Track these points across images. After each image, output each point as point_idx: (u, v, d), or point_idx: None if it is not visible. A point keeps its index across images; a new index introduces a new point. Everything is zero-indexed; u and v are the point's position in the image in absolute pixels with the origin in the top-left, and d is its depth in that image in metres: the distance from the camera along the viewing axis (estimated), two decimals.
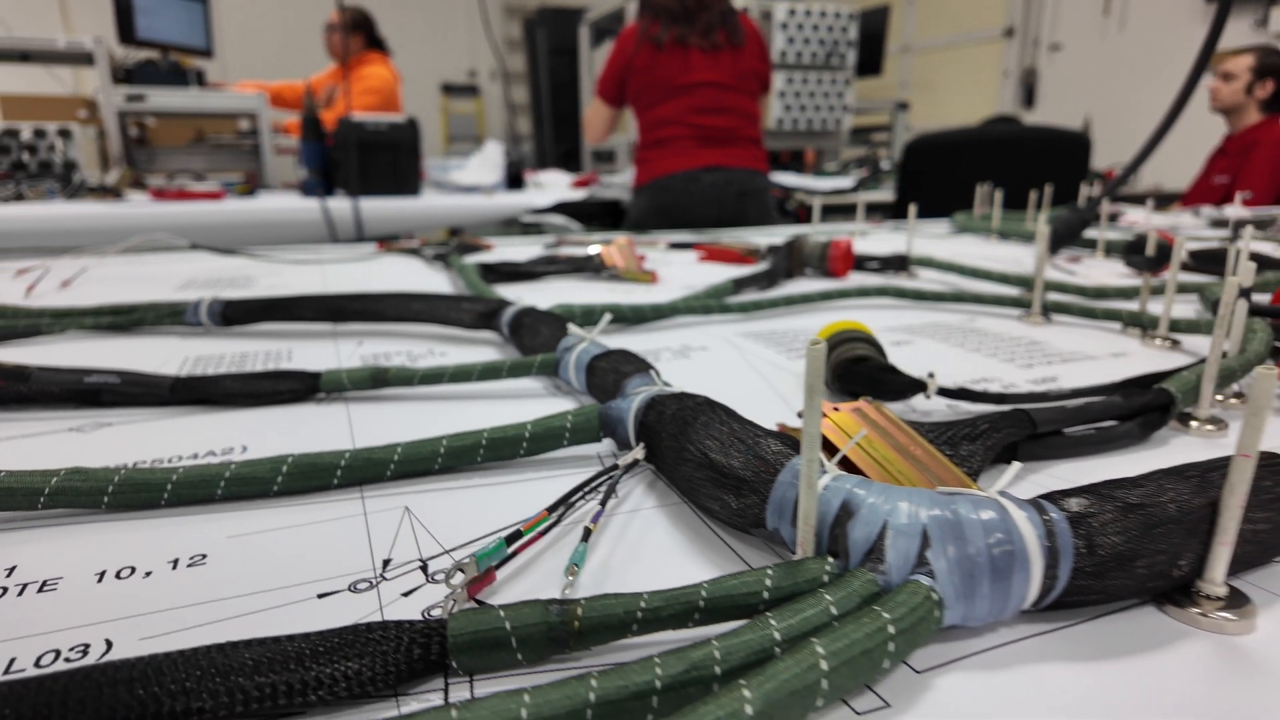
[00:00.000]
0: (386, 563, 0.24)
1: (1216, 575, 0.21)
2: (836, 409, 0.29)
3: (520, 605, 0.19)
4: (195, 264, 0.86)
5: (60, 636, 0.20)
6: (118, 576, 0.23)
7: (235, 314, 0.53)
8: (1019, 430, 0.30)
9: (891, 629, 0.18)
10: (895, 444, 0.27)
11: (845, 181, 2.29)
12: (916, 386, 0.36)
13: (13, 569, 0.24)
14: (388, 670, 0.18)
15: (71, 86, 3.67)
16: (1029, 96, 3.66)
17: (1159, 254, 0.72)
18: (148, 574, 0.24)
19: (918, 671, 0.19)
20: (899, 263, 0.78)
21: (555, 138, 3.75)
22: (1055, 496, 0.21)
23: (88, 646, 0.20)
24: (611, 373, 0.36)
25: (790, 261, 0.76)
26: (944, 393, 0.36)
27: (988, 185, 1.18)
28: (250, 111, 2.30)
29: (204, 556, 0.25)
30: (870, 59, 2.89)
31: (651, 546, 0.25)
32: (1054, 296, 0.63)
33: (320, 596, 0.22)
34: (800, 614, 0.18)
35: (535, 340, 0.45)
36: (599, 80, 1.82)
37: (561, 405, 0.39)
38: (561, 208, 1.82)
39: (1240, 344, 0.39)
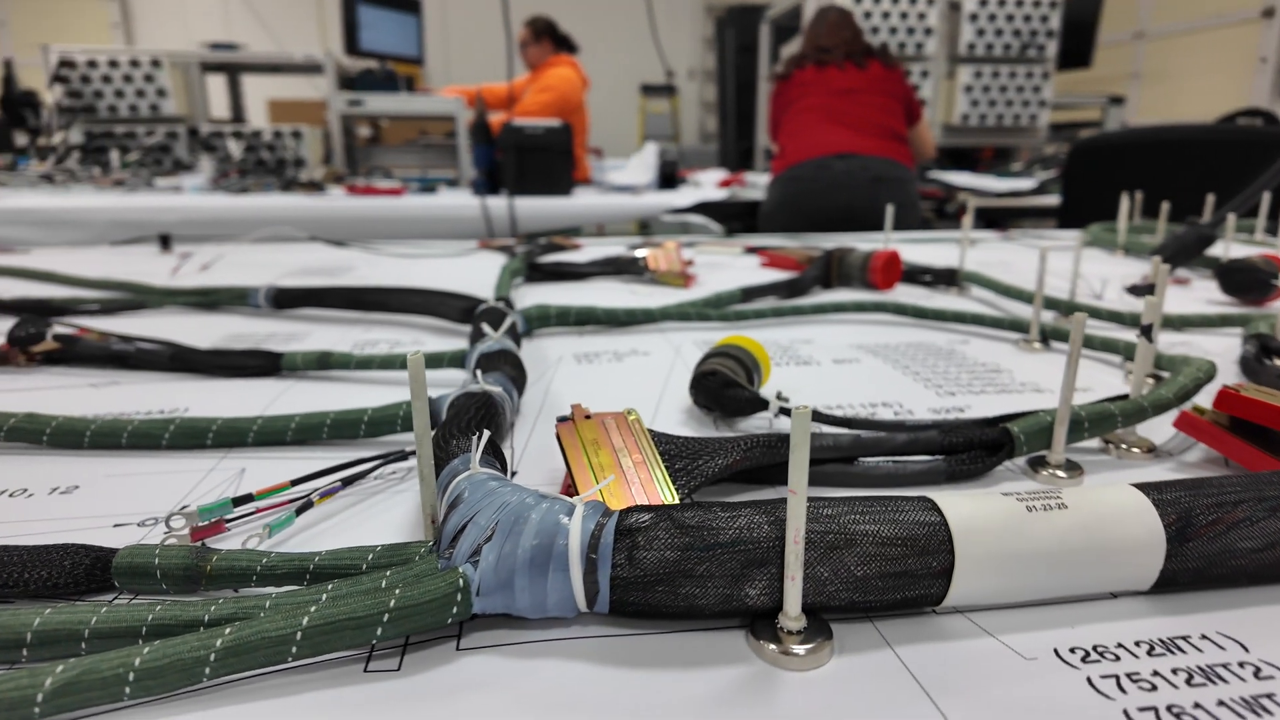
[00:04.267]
0: (184, 508, 0.30)
1: (788, 608, 0.21)
2: (589, 416, 0.31)
3: (176, 547, 0.24)
4: (312, 254, 1.00)
5: None
6: (10, 495, 0.31)
7: (283, 299, 0.63)
8: (773, 454, 0.30)
9: (393, 604, 0.21)
10: (617, 453, 0.29)
11: (1026, 183, 2.10)
12: (758, 404, 0.37)
13: None
14: (67, 580, 0.24)
15: (326, 92, 4.26)
16: None
17: (1258, 280, 0.63)
18: (30, 494, 0.31)
19: (458, 649, 0.22)
20: (949, 277, 0.74)
21: (737, 135, 3.77)
22: (630, 510, 0.22)
23: None
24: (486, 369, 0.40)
25: (828, 272, 0.74)
26: (785, 411, 0.36)
27: (1137, 194, 1.06)
28: (449, 114, 2.55)
29: (76, 488, 0.32)
30: (1077, 50, 2.62)
31: (376, 524, 0.29)
32: (1093, 325, 0.58)
33: (115, 525, 0.29)
34: (357, 584, 0.22)
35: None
36: (769, 130, 1.89)
37: None
38: (701, 207, 1.85)
39: (1140, 385, 0.35)
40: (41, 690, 0.18)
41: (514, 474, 0.33)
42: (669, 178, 2.17)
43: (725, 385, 0.38)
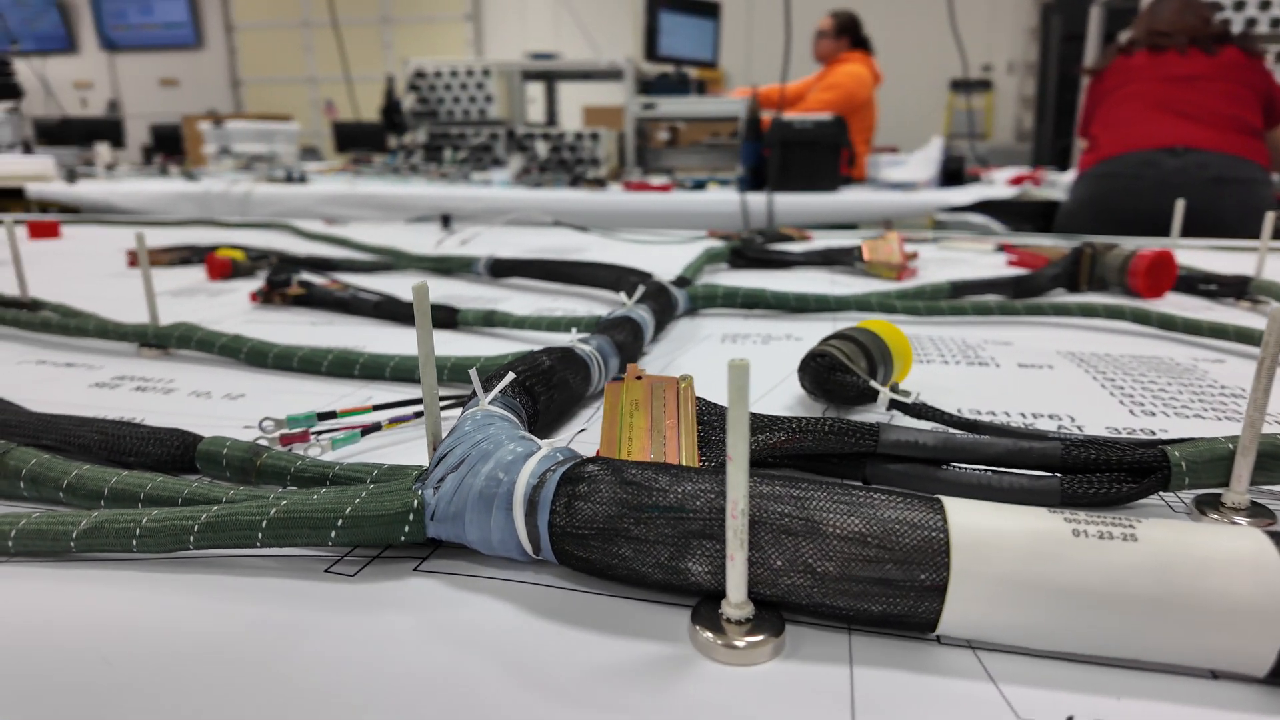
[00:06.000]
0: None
1: (730, 593, 0.19)
2: (640, 377, 0.29)
3: (240, 443, 0.28)
4: (554, 237, 1.07)
5: (135, 411, 0.35)
6: (196, 395, 0.38)
7: (498, 269, 0.69)
8: (835, 441, 0.26)
9: (349, 511, 0.21)
10: (655, 416, 0.27)
11: None
12: (867, 395, 0.33)
13: (171, 380, 0.41)
14: (169, 457, 0.28)
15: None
16: None
17: None
18: (209, 395, 0.38)
19: (416, 570, 0.22)
20: (1239, 287, 0.59)
21: (1055, 132, 3.37)
22: (586, 461, 0.21)
23: (136, 417, 0.35)
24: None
25: (1076, 272, 0.63)
26: (897, 405, 0.32)
27: None
28: (733, 115, 2.59)
29: (243, 395, 0.38)
30: None
31: (419, 456, 0.31)
32: None
33: (244, 427, 0.34)
34: (343, 492, 0.23)
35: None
36: (1079, 126, 1.68)
37: None
38: (984, 206, 1.68)
39: None
40: (76, 528, 0.22)
41: (583, 430, 0.33)
42: (955, 174, 2.00)
43: (832, 370, 0.34)
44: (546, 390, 0.30)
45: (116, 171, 2.22)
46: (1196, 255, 0.82)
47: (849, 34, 2.72)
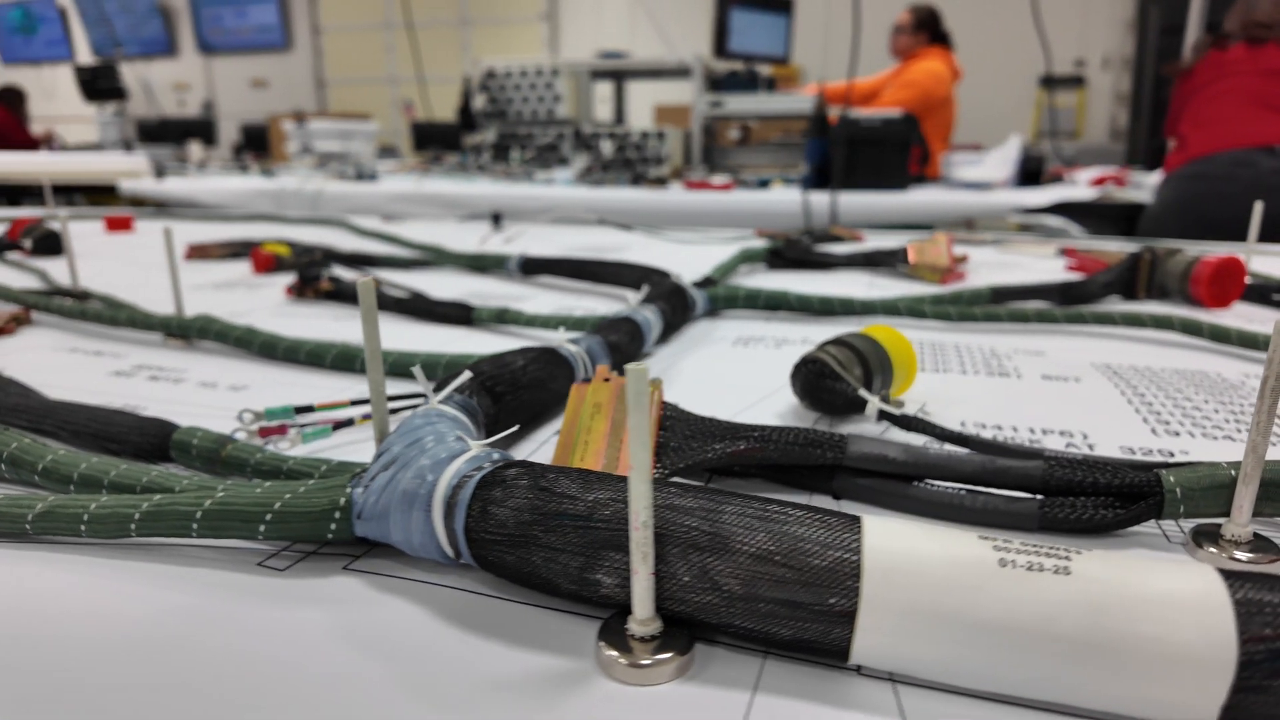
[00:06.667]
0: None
1: (636, 609, 0.18)
2: (608, 379, 0.29)
3: (209, 434, 0.28)
4: (597, 235, 1.07)
5: (143, 399, 0.37)
6: (203, 385, 0.39)
7: (529, 267, 0.69)
8: (800, 453, 0.25)
9: (277, 506, 0.22)
10: (616, 420, 0.27)
11: None
12: (856, 404, 0.31)
13: (184, 370, 0.42)
14: (145, 445, 0.29)
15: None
16: None
17: None
18: (215, 386, 0.39)
19: (345, 568, 0.22)
20: None
21: (1149, 130, 3.19)
22: (511, 464, 0.21)
23: (139, 405, 0.36)
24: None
25: (1134, 279, 0.59)
26: (885, 416, 0.30)
27: None
28: (801, 113, 2.55)
29: (246, 387, 0.39)
30: None
31: None
32: None
33: (235, 417, 0.35)
34: (283, 486, 0.23)
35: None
36: (1167, 125, 1.58)
37: None
38: (1063, 208, 1.60)
39: None
40: (32, 512, 0.23)
41: (559, 432, 0.32)
42: (1033, 174, 1.91)
43: (822, 376, 0.32)
44: (513, 390, 0.30)
45: (206, 169, 2.34)
46: None
47: (928, 29, 2.63)
